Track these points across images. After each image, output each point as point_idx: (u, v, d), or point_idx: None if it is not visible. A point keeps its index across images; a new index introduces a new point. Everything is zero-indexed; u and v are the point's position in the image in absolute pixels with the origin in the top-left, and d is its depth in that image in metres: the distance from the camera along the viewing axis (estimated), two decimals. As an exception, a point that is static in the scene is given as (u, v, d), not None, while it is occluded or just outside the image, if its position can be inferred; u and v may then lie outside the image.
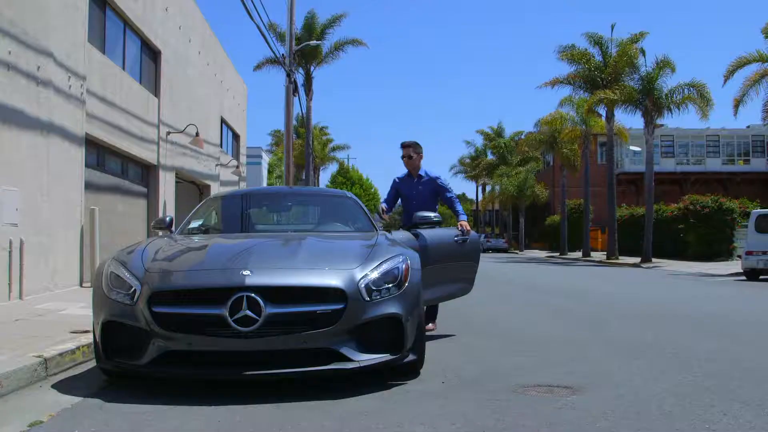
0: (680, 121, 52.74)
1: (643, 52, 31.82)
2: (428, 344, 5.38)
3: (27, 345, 5.98)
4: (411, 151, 7.89)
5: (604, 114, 35.22)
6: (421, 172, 7.99)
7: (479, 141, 70.29)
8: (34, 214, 10.66)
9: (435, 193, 7.99)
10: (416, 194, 7.94)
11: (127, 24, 16.12)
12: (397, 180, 8.19)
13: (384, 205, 8.03)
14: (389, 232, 6.98)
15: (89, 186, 13.44)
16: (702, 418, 4.07)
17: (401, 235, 7.03)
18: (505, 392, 4.73)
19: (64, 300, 10.14)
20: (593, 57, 33.94)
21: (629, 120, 67.54)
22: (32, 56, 10.55)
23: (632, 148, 50.96)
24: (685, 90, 30.29)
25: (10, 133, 9.92)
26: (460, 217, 7.64)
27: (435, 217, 7.16)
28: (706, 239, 31.06)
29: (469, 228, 7.49)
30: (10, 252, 9.88)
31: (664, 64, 30.63)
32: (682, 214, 32.45)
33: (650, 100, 30.69)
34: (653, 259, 29.94)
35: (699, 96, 29.82)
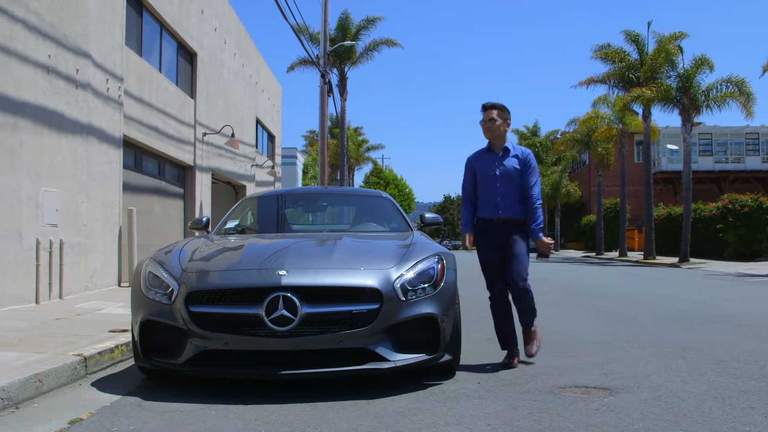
0: (719, 119, 51.84)
1: (681, 49, 31.41)
2: (464, 344, 5.36)
3: (67, 344, 6.08)
4: (495, 114, 5.97)
5: (640, 112, 34.84)
6: (508, 145, 6.05)
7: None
8: (73, 215, 10.82)
9: (523, 172, 5.96)
10: (502, 174, 5.95)
11: (163, 27, 16.30)
12: (470, 159, 6.21)
13: (468, 233, 6.13)
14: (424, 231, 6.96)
15: (127, 187, 13.61)
16: (742, 420, 4.01)
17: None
18: (541, 393, 4.70)
19: (103, 299, 10.28)
20: (629, 55, 33.60)
21: (667, 118, 66.71)
22: (71, 59, 10.71)
23: (669, 146, 50.47)
24: (724, 86, 29.79)
25: (51, 136, 10.08)
26: (536, 233, 5.94)
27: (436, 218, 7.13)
28: (745, 239, 30.53)
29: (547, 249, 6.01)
30: (50, 252, 10.04)
31: (702, 62, 30.16)
32: (720, 214, 31.93)
33: (688, 98, 30.27)
34: (691, 259, 29.53)
35: (739, 92, 29.26)
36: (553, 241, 6.05)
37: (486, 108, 6.02)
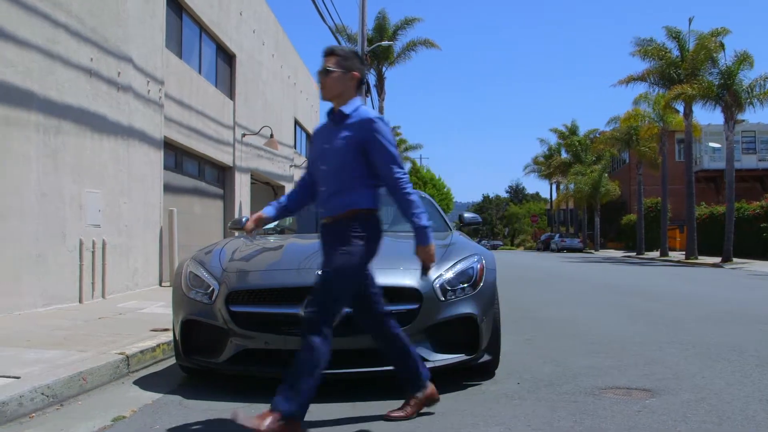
0: (762, 116, 51.10)
1: (722, 45, 30.91)
2: (503, 345, 5.33)
3: (110, 342, 6.16)
4: (332, 63, 4.00)
5: (681, 110, 34.34)
6: (347, 109, 4.02)
7: (553, 139, 69.52)
8: (115, 216, 10.98)
9: (364, 149, 3.96)
10: (328, 150, 4.04)
11: (203, 29, 16.47)
12: (314, 132, 4.38)
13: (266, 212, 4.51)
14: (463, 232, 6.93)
15: (167, 188, 13.77)
16: (789, 423, 3.93)
17: None
18: (581, 394, 4.66)
19: (144, 299, 10.41)
20: (670, 52, 33.16)
21: (709, 116, 65.77)
22: (113, 62, 10.87)
23: (711, 144, 49.62)
24: (767, 83, 29.25)
25: (93, 137, 10.24)
26: (427, 237, 4.11)
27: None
28: (790, 238, 29.97)
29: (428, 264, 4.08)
30: (93, 252, 10.20)
31: (744, 58, 29.66)
32: (764, 213, 31.36)
33: (730, 95, 29.77)
34: (734, 259, 29.04)
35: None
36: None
37: (324, 55, 4.07)
